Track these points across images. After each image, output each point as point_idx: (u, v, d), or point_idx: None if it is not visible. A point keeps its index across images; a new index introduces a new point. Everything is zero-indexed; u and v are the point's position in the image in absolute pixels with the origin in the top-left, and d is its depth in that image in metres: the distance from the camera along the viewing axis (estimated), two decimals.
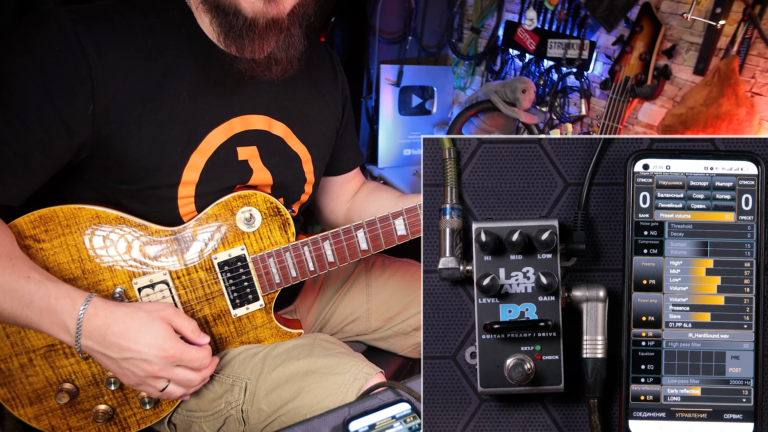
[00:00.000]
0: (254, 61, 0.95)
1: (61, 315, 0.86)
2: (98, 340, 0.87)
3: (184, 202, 1.00)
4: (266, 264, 1.04)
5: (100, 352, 0.88)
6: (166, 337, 0.89)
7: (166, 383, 0.92)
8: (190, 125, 0.97)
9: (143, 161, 0.95)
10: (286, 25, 0.94)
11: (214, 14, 0.92)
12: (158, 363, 0.89)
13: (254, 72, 0.97)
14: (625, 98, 1.64)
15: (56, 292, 0.87)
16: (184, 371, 0.92)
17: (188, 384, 0.94)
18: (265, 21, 0.90)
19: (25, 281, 0.86)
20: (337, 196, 1.36)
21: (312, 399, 0.98)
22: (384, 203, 1.28)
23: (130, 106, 0.91)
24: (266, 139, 1.06)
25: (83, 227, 0.95)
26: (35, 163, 0.89)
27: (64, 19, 0.86)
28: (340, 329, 1.37)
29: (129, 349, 0.87)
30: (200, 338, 0.95)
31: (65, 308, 0.86)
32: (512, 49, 2.15)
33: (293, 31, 0.96)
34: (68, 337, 0.87)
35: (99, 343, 0.87)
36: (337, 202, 1.37)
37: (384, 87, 2.36)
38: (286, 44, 0.97)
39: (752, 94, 1.41)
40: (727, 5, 1.42)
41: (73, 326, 0.86)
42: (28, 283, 0.86)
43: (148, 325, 0.89)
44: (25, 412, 1.00)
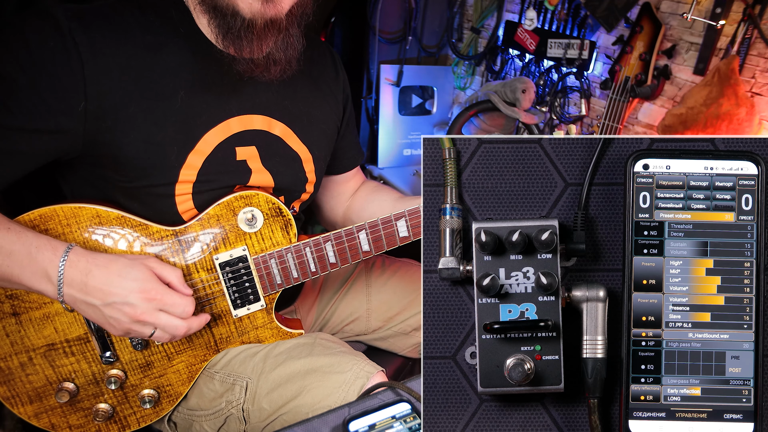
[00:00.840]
0: (253, 61, 0.95)
1: (42, 263, 0.86)
2: (80, 288, 0.87)
3: (181, 199, 1.00)
4: (268, 265, 1.04)
5: (82, 300, 0.88)
6: (147, 280, 0.89)
7: (152, 329, 0.91)
8: (187, 124, 0.97)
9: (138, 160, 0.95)
10: (285, 25, 0.94)
11: (212, 15, 0.92)
12: (141, 305, 0.88)
13: (253, 73, 0.97)
14: (625, 98, 1.64)
15: (37, 242, 0.87)
16: (167, 317, 0.91)
17: (173, 331, 0.93)
18: (263, 21, 0.91)
19: (5, 232, 0.86)
20: (337, 195, 1.36)
21: (313, 398, 0.98)
22: (383, 204, 1.28)
23: (125, 104, 0.91)
24: (266, 139, 1.06)
25: (84, 226, 0.96)
26: (18, 153, 0.89)
27: (60, 16, 0.87)
28: (340, 329, 1.37)
29: (110, 293, 0.87)
30: (184, 288, 0.94)
31: (47, 257, 0.86)
32: (512, 49, 2.15)
33: (292, 31, 0.96)
34: (50, 287, 0.87)
35: (81, 291, 0.87)
36: (336, 200, 1.37)
37: (384, 87, 2.36)
38: (285, 44, 0.97)
39: (752, 94, 1.41)
40: (727, 5, 1.42)
41: (54, 274, 0.86)
42: (8, 233, 0.86)
43: (129, 269, 0.89)
44: (25, 411, 1.00)
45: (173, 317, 0.92)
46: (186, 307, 0.92)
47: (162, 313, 0.91)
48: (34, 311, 0.96)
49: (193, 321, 0.95)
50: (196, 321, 0.96)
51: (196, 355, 1.06)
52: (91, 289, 0.87)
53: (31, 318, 0.97)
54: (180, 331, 0.93)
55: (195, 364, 1.06)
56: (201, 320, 0.97)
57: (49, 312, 0.97)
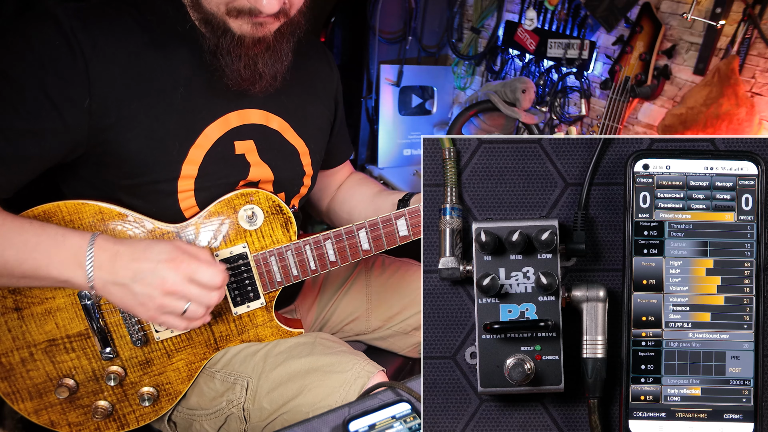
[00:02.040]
0: (240, 76, 0.96)
1: (71, 249, 0.86)
2: (108, 269, 0.87)
3: (184, 196, 1.00)
4: (268, 262, 1.04)
5: (112, 282, 0.87)
6: (174, 251, 0.88)
7: (185, 303, 0.88)
8: (188, 119, 0.98)
9: (141, 156, 0.95)
10: (273, 43, 0.96)
11: (205, 29, 0.94)
12: (170, 276, 0.86)
13: (240, 86, 0.98)
14: (625, 98, 1.64)
15: (63, 231, 0.88)
16: (198, 289, 0.89)
17: (207, 300, 0.90)
18: (251, 40, 0.93)
19: (29, 225, 0.87)
20: (324, 187, 1.39)
21: (314, 397, 0.98)
22: (363, 197, 1.32)
23: (127, 101, 0.92)
24: (263, 133, 1.07)
25: (86, 223, 0.96)
26: (28, 155, 0.90)
27: (61, 16, 0.87)
28: (340, 329, 1.37)
29: (139, 268, 0.86)
30: (212, 259, 0.92)
31: (75, 242, 0.87)
32: (512, 49, 2.15)
33: (279, 48, 0.98)
34: (80, 272, 0.86)
35: (109, 272, 0.87)
36: (323, 192, 1.40)
37: (384, 87, 2.36)
38: (273, 60, 0.98)
39: (752, 94, 1.42)
40: (727, 5, 1.42)
41: (83, 259, 0.86)
42: (32, 226, 0.87)
43: (155, 245, 0.89)
44: (25, 407, 1.00)
45: (204, 290, 0.89)
46: (216, 276, 0.89)
47: (193, 284, 0.88)
48: (36, 306, 0.97)
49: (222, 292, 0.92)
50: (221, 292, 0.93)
51: (195, 353, 1.06)
52: (119, 267, 0.87)
53: (33, 313, 0.97)
54: (213, 299, 0.91)
55: (194, 362, 1.07)
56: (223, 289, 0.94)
57: (51, 307, 0.97)
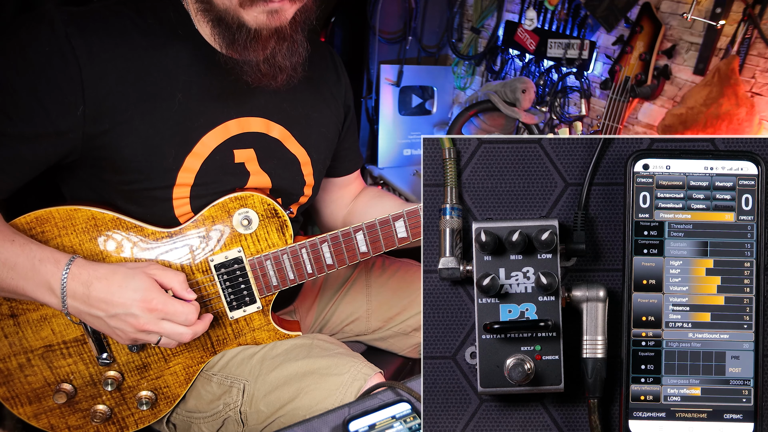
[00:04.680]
0: (260, 70, 0.95)
1: (45, 276, 0.86)
2: (83, 300, 0.87)
3: (179, 203, 1.00)
4: (263, 266, 1.04)
5: (87, 312, 0.88)
6: (148, 290, 0.89)
7: (158, 337, 0.92)
8: (185, 127, 0.97)
9: (136, 163, 0.95)
10: (289, 33, 0.94)
11: (216, 26, 0.92)
12: (143, 316, 0.88)
13: (260, 82, 0.97)
14: (625, 98, 1.64)
15: (41, 254, 0.87)
16: (171, 325, 0.91)
17: (179, 338, 0.93)
18: (268, 32, 0.91)
19: (9, 244, 0.87)
20: (337, 199, 1.36)
21: (311, 400, 0.98)
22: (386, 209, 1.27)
23: (123, 107, 0.91)
24: (264, 141, 1.06)
25: (79, 229, 0.95)
26: (21, 160, 0.89)
27: (56, 20, 0.86)
28: (340, 329, 1.37)
29: (113, 304, 0.87)
30: (186, 294, 0.94)
31: (49, 269, 0.87)
32: (512, 49, 2.15)
33: (296, 38, 0.97)
34: (54, 299, 0.87)
35: (84, 303, 0.88)
36: (336, 205, 1.36)
37: (384, 87, 2.35)
38: (290, 52, 0.97)
39: (752, 94, 1.41)
40: (727, 5, 1.42)
41: (57, 287, 0.87)
42: (12, 245, 0.87)
43: (130, 280, 0.89)
44: (24, 411, 1.00)
45: (177, 325, 0.92)
46: (189, 315, 0.92)
47: (165, 321, 0.91)
48: (32, 313, 0.96)
49: (198, 325, 0.95)
50: (200, 325, 0.96)
51: (192, 357, 1.06)
52: (94, 300, 0.87)
53: (29, 320, 0.96)
54: (185, 337, 0.93)
55: (192, 365, 1.06)
56: (205, 323, 0.97)
57: (47, 314, 0.97)
